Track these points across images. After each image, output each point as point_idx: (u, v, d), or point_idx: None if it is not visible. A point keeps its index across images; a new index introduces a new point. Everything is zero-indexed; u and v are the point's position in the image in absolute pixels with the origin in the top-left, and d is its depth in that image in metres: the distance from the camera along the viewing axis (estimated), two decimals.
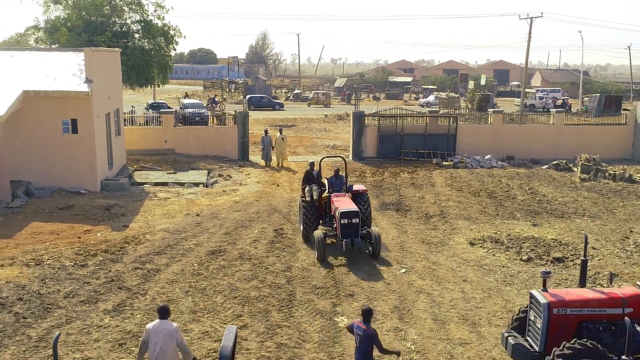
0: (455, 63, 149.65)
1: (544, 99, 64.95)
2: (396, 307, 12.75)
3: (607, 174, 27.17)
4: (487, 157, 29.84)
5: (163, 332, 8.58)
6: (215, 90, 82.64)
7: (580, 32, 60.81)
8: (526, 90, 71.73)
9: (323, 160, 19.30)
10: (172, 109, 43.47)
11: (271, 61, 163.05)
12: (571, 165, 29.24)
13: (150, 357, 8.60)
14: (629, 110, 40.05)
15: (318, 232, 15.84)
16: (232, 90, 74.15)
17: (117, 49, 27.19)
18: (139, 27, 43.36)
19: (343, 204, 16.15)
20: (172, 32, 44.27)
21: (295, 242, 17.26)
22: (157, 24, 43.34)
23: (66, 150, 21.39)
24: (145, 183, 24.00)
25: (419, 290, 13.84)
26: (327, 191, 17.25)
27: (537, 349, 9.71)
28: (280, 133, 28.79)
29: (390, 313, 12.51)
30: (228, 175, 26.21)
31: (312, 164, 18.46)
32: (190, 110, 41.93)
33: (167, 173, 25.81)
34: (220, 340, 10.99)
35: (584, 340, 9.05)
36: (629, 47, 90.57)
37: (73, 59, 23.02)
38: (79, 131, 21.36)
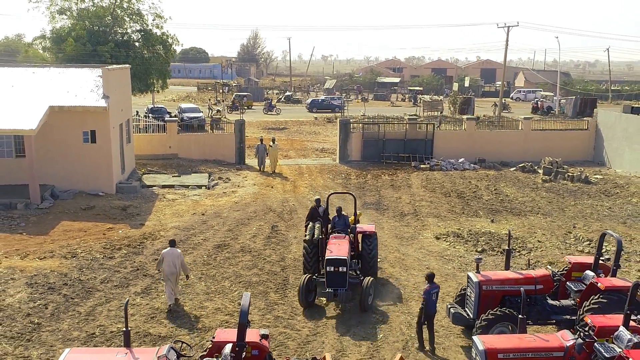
0: (443, 62, 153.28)
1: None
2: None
3: (566, 175, 30.43)
4: (461, 160, 33.00)
5: (173, 254, 14.36)
6: (209, 91, 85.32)
7: (557, 37, 64.07)
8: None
9: (331, 196, 17.71)
10: (170, 113, 46.52)
11: (262, 60, 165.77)
12: (536, 167, 32.43)
13: (166, 269, 14.26)
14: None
15: (304, 276, 14.83)
16: (226, 92, 76.86)
17: (127, 65, 30.07)
18: (139, 36, 46.17)
19: (334, 248, 14.92)
20: (170, 41, 47.22)
21: (287, 237, 20.31)
22: (156, 33, 46.24)
23: (86, 157, 24.31)
24: (154, 185, 26.94)
25: (389, 276, 16.98)
26: (329, 231, 16.26)
27: (471, 316, 12.87)
28: (273, 142, 31.37)
29: None
30: (227, 178, 29.21)
31: (318, 201, 17.21)
32: (188, 114, 45.07)
33: (172, 176, 28.74)
34: (230, 314, 14.19)
35: (503, 308, 12.20)
36: (608, 49, 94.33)
37: (89, 76, 25.93)
38: (97, 141, 24.29)
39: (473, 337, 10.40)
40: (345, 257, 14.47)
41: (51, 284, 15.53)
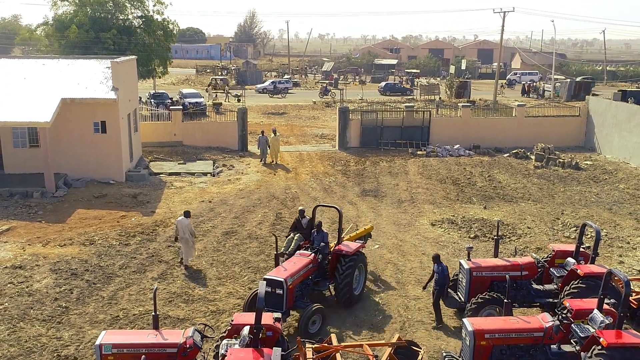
0: (440, 42, 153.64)
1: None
2: (369, 273, 17.05)
3: (557, 161, 31.59)
4: (456, 146, 34.12)
5: (183, 223, 17.10)
6: (208, 74, 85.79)
7: (552, 21, 64.69)
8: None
9: (317, 208, 16.47)
10: (172, 99, 47.37)
11: (259, 40, 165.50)
12: (529, 153, 33.56)
13: (179, 236, 17.09)
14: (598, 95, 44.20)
15: (252, 291, 14.25)
16: (225, 74, 77.40)
17: (133, 56, 30.94)
18: (141, 23, 46.81)
19: (288, 266, 14.10)
20: (170, 26, 47.95)
21: (291, 224, 21.42)
22: (157, 19, 46.91)
23: (97, 147, 25.37)
24: (161, 173, 28.02)
25: (387, 261, 18.21)
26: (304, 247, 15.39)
27: (463, 300, 14.12)
28: (274, 134, 31.36)
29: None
30: (231, 165, 30.28)
31: (301, 212, 16.50)
32: (189, 100, 45.95)
33: (178, 163, 29.81)
34: (242, 298, 15.40)
35: (492, 293, 13.44)
36: (604, 31, 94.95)
37: (97, 67, 26.87)
38: (107, 131, 25.32)
39: (463, 319, 11.63)
40: (282, 279, 13.28)
41: (74, 270, 16.71)
